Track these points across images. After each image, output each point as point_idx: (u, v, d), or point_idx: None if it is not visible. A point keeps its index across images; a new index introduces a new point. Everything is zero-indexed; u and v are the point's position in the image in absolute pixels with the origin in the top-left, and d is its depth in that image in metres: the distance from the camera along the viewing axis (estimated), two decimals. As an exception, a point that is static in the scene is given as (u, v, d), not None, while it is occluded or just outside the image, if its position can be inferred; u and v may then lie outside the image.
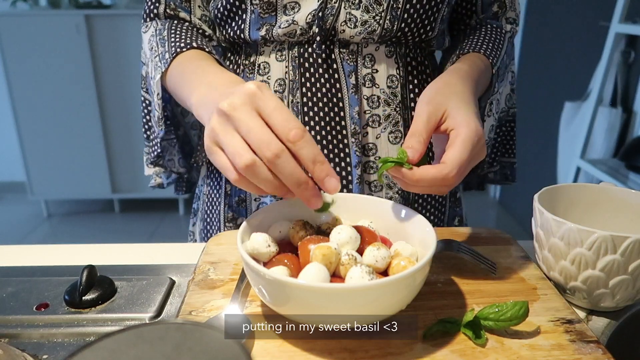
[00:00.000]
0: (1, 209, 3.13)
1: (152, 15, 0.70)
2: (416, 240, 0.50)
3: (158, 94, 0.63)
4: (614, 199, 0.57)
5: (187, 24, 0.68)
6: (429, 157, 0.63)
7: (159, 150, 0.70)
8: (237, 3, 0.62)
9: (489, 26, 0.70)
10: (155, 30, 0.67)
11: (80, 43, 2.58)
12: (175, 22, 0.68)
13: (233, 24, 0.65)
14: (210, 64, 0.58)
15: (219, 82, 0.51)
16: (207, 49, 0.62)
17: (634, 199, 0.56)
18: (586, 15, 2.17)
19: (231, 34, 0.66)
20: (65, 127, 2.73)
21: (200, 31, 0.68)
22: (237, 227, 0.71)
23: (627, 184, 1.66)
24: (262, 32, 0.63)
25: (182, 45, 0.62)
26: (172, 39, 0.63)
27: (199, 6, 0.69)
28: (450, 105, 0.49)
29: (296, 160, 0.42)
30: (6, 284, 0.55)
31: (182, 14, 0.69)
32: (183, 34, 0.64)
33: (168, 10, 0.69)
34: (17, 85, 2.63)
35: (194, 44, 0.62)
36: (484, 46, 0.65)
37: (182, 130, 0.75)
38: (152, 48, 0.66)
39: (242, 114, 0.42)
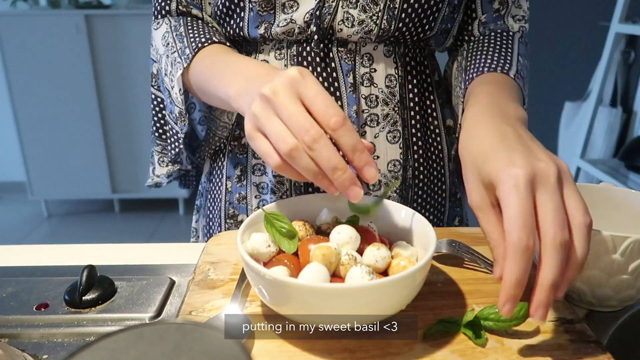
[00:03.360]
0: (1, 209, 3.13)
1: (163, 12, 0.70)
2: (416, 240, 0.50)
3: (180, 89, 0.62)
4: (614, 199, 0.57)
5: (200, 21, 0.68)
6: None
7: (180, 147, 0.70)
8: (235, 0, 0.62)
9: (492, 34, 0.68)
10: (170, 26, 0.67)
11: (80, 43, 2.58)
12: (189, 18, 0.68)
13: (232, 21, 0.65)
14: (240, 56, 0.58)
15: (257, 72, 0.51)
16: (227, 44, 0.62)
17: (634, 199, 0.56)
18: (586, 15, 2.17)
19: (230, 32, 0.66)
20: (65, 127, 2.73)
21: (214, 28, 0.69)
22: (238, 224, 0.71)
23: (627, 184, 1.66)
24: (261, 30, 0.63)
25: (203, 40, 0.62)
26: (191, 35, 0.63)
27: (209, 3, 0.69)
28: (477, 173, 0.43)
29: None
30: (6, 284, 0.54)
31: (195, 11, 0.69)
32: (201, 29, 0.64)
33: (180, 7, 0.69)
34: (17, 85, 2.63)
35: (215, 39, 0.62)
36: (491, 63, 0.61)
37: (188, 127, 0.75)
38: (168, 44, 0.66)
39: (284, 99, 0.42)
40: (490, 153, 0.42)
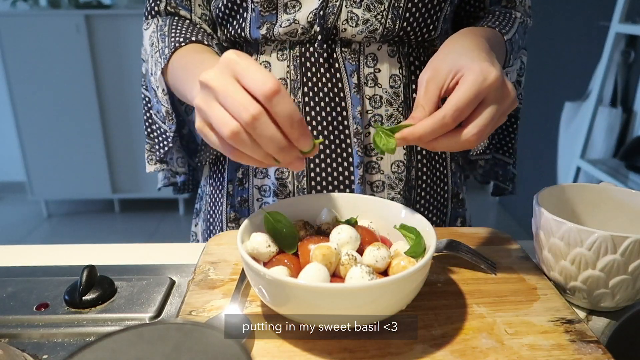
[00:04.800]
0: (1, 209, 3.13)
1: (153, 12, 0.70)
2: (416, 240, 0.50)
3: (163, 90, 0.62)
4: (614, 199, 0.57)
5: (187, 21, 0.68)
6: None
7: (170, 145, 0.70)
8: (237, 1, 0.62)
9: (497, 12, 0.68)
10: (157, 26, 0.67)
11: (80, 43, 2.58)
12: (177, 18, 0.68)
13: (234, 22, 0.65)
14: (208, 56, 0.58)
15: None
16: (205, 42, 0.62)
17: (634, 199, 0.56)
18: (586, 15, 2.17)
19: (232, 33, 0.66)
20: (65, 127, 2.73)
21: (202, 30, 0.68)
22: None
23: (627, 184, 1.66)
24: (263, 31, 0.62)
25: (181, 40, 0.61)
26: (172, 34, 0.63)
27: (199, 5, 0.69)
28: (451, 61, 0.46)
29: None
30: (6, 284, 0.54)
31: (183, 12, 0.69)
32: (183, 29, 0.64)
33: (169, 8, 0.69)
34: (17, 85, 2.63)
35: (193, 38, 0.62)
36: (490, 23, 0.62)
37: (186, 128, 0.75)
38: (152, 44, 0.66)
39: (219, 82, 0.40)
40: (475, 52, 0.47)
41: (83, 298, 0.51)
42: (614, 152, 1.87)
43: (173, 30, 0.64)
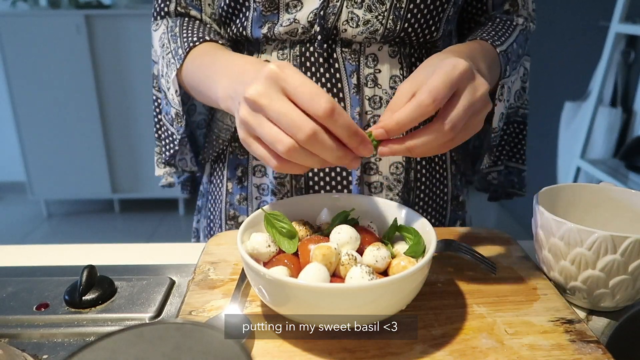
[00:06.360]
0: (1, 209, 3.13)
1: (162, 13, 0.69)
2: (416, 240, 0.50)
3: (176, 91, 0.62)
4: (614, 199, 0.57)
5: (198, 21, 0.68)
6: None
7: (176, 149, 0.69)
8: (240, 0, 0.62)
9: (497, 19, 0.68)
10: (167, 27, 0.67)
11: (80, 43, 2.58)
12: (186, 19, 0.68)
13: (237, 21, 0.65)
14: (229, 53, 0.58)
15: (240, 70, 0.50)
16: (220, 42, 0.62)
17: (634, 199, 0.56)
18: (586, 15, 2.17)
19: (234, 32, 0.66)
20: (65, 127, 2.73)
21: (211, 28, 0.68)
22: (238, 225, 0.71)
23: (627, 184, 1.66)
24: (264, 30, 0.62)
25: (195, 39, 0.61)
26: (185, 35, 0.63)
27: (209, 4, 0.69)
28: (428, 70, 0.46)
29: (329, 132, 0.42)
30: (6, 284, 0.54)
31: (193, 12, 0.69)
32: (195, 29, 0.64)
33: (179, 8, 0.69)
34: (17, 85, 2.63)
35: (207, 37, 0.62)
36: (484, 34, 0.63)
37: (188, 129, 0.75)
38: (163, 45, 0.65)
39: (268, 99, 0.41)
40: (450, 57, 0.47)
41: (83, 298, 0.51)
42: (614, 152, 1.87)
43: (184, 30, 0.64)
